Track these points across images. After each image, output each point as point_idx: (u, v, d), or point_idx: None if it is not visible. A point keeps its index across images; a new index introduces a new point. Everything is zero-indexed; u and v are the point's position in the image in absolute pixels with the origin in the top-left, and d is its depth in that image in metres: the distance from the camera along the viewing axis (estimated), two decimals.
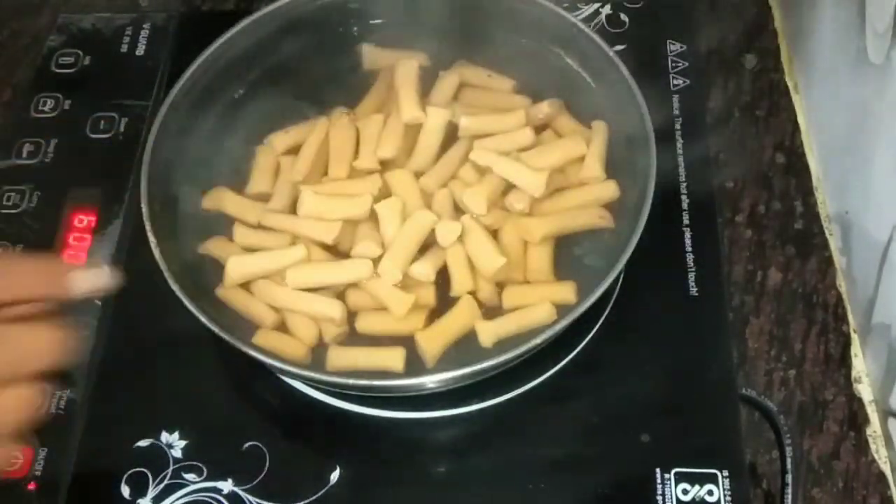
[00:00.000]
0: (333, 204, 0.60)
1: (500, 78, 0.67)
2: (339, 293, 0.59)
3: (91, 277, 0.43)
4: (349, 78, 0.68)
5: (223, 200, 0.62)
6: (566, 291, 0.58)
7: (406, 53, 0.67)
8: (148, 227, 0.57)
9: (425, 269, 0.58)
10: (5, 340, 0.40)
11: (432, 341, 0.56)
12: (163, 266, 0.55)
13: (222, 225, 0.62)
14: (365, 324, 0.58)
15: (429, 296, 0.58)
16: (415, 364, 0.56)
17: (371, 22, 0.70)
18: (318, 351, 0.57)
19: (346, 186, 0.62)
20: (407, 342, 0.57)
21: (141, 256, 0.57)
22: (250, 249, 0.60)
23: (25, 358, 0.40)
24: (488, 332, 0.56)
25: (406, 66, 0.65)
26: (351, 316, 0.58)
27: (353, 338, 0.58)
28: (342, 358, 0.56)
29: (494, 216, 0.60)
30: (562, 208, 0.61)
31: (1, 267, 0.42)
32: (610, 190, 0.61)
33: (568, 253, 0.60)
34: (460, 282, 0.58)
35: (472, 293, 0.58)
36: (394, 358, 0.56)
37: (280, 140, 0.65)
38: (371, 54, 0.69)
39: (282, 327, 0.58)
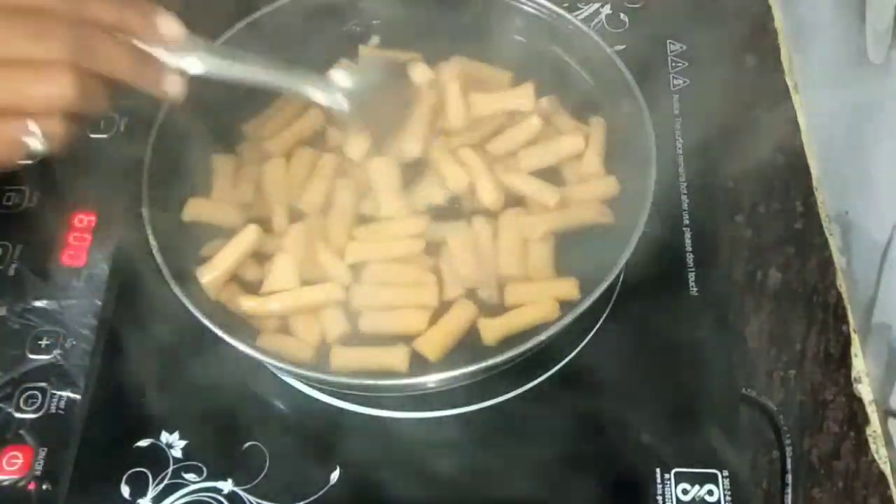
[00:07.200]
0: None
1: (500, 72, 0.67)
2: (344, 301, 0.58)
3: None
4: None
5: (200, 210, 0.62)
6: (569, 288, 0.57)
7: (406, 53, 0.67)
8: (148, 228, 0.57)
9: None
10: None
11: (433, 345, 0.56)
12: (163, 267, 0.55)
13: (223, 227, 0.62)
14: (368, 324, 0.58)
15: (431, 297, 0.58)
16: (418, 363, 0.56)
17: (371, 22, 0.70)
18: (321, 351, 0.57)
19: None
20: (410, 340, 0.57)
21: (142, 257, 0.57)
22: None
23: None
24: (491, 330, 0.56)
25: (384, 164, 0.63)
26: (354, 316, 0.58)
27: (355, 338, 0.58)
28: (345, 358, 0.56)
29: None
30: (562, 205, 0.61)
31: None
32: (610, 186, 0.61)
33: (568, 250, 0.60)
34: (452, 284, 0.58)
35: (468, 293, 0.58)
36: (398, 357, 0.56)
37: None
38: (371, 54, 0.69)
39: (283, 328, 0.58)
